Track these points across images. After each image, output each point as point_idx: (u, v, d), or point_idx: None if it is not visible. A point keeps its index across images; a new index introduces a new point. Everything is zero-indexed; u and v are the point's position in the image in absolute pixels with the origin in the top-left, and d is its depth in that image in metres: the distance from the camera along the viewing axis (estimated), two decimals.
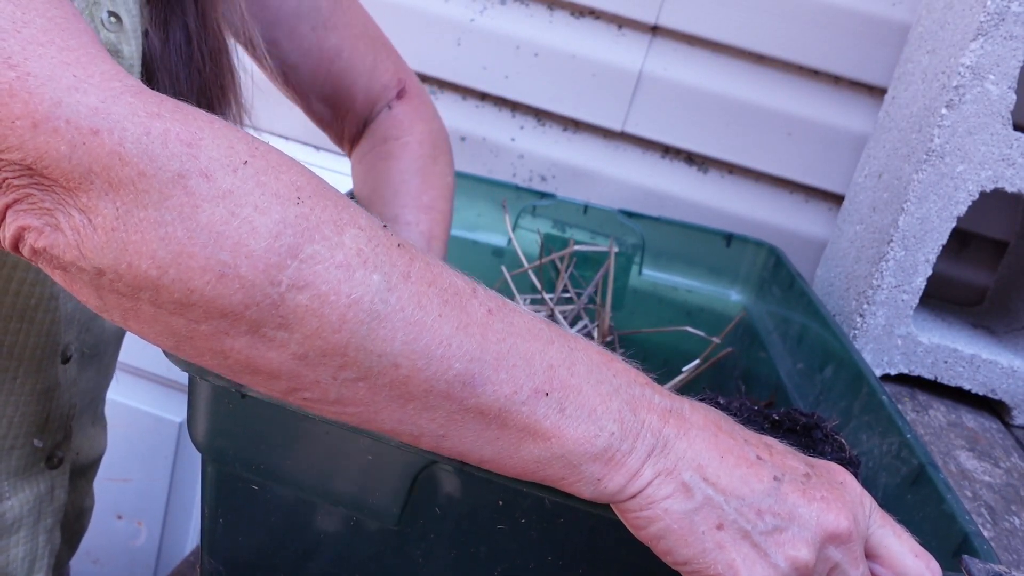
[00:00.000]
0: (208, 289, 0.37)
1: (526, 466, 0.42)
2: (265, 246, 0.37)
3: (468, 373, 0.39)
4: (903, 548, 0.44)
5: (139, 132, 0.36)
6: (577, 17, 1.20)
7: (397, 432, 0.41)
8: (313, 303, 0.37)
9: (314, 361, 0.39)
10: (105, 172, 0.36)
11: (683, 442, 0.42)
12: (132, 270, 0.37)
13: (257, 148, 0.39)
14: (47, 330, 0.61)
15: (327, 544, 0.54)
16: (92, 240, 0.37)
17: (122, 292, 0.38)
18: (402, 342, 0.39)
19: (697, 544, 0.41)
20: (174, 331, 0.39)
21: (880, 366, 0.96)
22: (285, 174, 0.39)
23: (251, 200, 0.37)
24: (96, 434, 0.79)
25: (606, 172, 1.24)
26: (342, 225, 0.39)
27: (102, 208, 0.36)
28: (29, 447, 0.64)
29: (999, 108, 0.86)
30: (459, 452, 0.42)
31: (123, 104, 0.37)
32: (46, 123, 0.36)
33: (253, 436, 0.51)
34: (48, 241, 0.38)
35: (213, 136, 0.38)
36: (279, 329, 0.38)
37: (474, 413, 0.40)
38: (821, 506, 0.42)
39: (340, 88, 0.82)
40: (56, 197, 0.37)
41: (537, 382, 0.41)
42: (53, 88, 0.36)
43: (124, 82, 0.38)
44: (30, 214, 0.38)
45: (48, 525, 0.68)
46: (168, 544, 1.50)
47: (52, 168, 0.36)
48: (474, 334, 0.40)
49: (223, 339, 0.38)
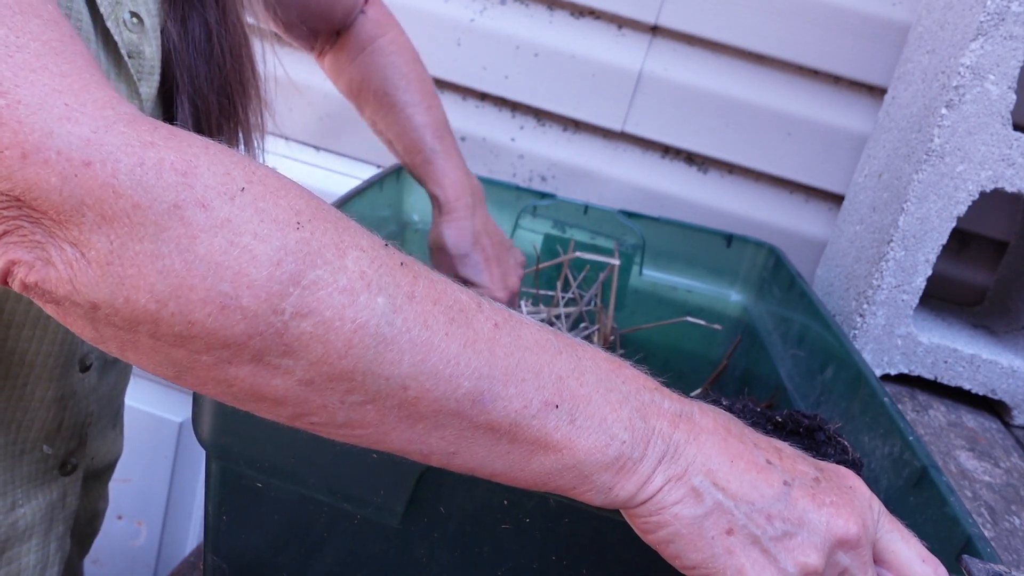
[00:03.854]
0: (210, 321, 0.36)
1: (537, 478, 0.41)
2: (266, 275, 0.36)
3: (477, 391, 0.39)
4: (911, 553, 0.44)
5: (133, 163, 0.35)
6: (577, 17, 1.20)
7: (407, 451, 0.41)
8: (318, 330, 0.37)
9: (321, 387, 0.38)
10: (98, 205, 0.35)
11: (693, 447, 0.42)
12: (129, 304, 0.36)
13: (254, 173, 0.38)
14: (62, 339, 0.60)
15: (330, 542, 0.54)
16: (86, 275, 0.36)
17: (119, 326, 0.37)
18: (409, 364, 0.38)
19: (707, 549, 0.41)
20: (175, 362, 0.38)
21: (880, 366, 0.96)
22: (284, 198, 0.38)
23: (250, 228, 0.36)
24: (115, 438, 0.79)
25: (606, 172, 1.24)
26: (344, 248, 0.38)
27: (95, 242, 0.35)
28: (39, 453, 0.64)
29: (999, 108, 0.86)
30: (470, 468, 0.42)
31: (116, 134, 0.36)
32: (36, 154, 0.35)
33: (258, 434, 0.51)
34: (39, 276, 0.37)
35: (209, 163, 0.37)
36: (284, 357, 0.37)
37: (484, 430, 0.40)
38: (831, 511, 0.42)
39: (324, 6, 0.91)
40: (46, 230, 0.36)
41: (547, 395, 0.40)
42: (44, 117, 0.35)
43: (117, 110, 0.37)
44: (20, 247, 0.36)
45: (60, 532, 0.67)
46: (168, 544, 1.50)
47: (42, 200, 0.35)
48: (482, 351, 0.39)
49: (226, 368, 0.38)
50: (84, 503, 0.75)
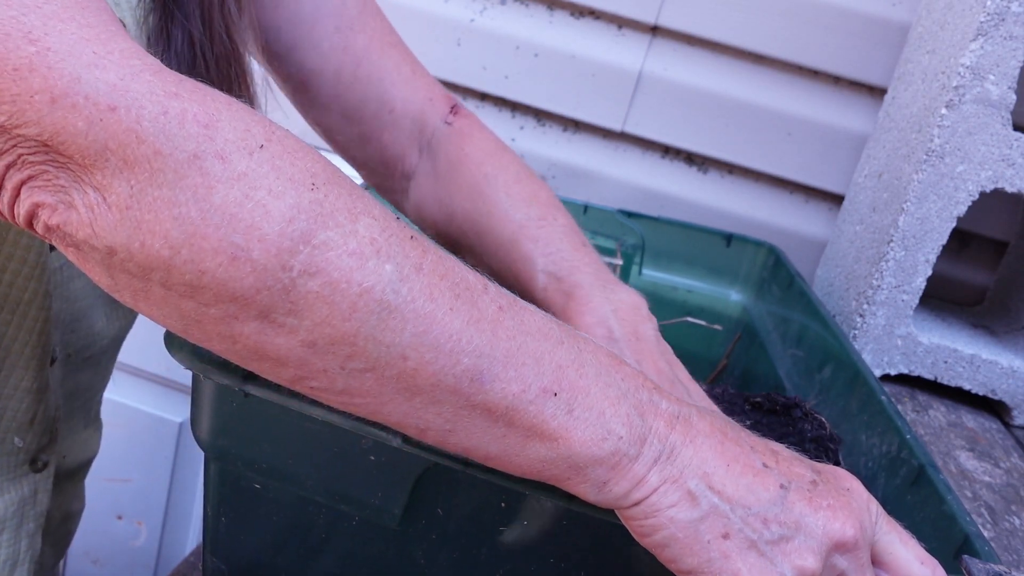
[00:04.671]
0: (220, 271, 0.37)
1: (531, 465, 0.41)
2: (278, 230, 0.37)
3: (476, 369, 0.39)
4: (909, 555, 0.44)
5: (156, 111, 0.36)
6: (577, 17, 1.20)
7: (403, 425, 0.41)
8: (324, 290, 0.37)
9: (323, 349, 0.38)
10: (121, 150, 0.36)
11: (689, 449, 0.42)
12: (144, 249, 0.37)
13: (274, 133, 0.39)
14: (40, 328, 0.61)
15: (329, 544, 0.54)
16: (105, 218, 0.37)
17: (133, 272, 0.38)
18: (411, 334, 0.38)
19: (702, 553, 0.41)
20: (183, 314, 0.38)
21: (880, 366, 0.96)
22: (301, 160, 0.39)
23: (266, 184, 0.37)
24: (88, 436, 0.79)
25: (606, 172, 1.24)
26: (356, 213, 0.39)
27: (116, 186, 0.36)
28: (11, 445, 0.63)
29: (999, 108, 0.86)
30: (464, 448, 0.42)
31: (142, 82, 0.37)
32: (64, 98, 0.36)
33: (256, 435, 0.51)
34: (62, 218, 0.38)
35: (230, 118, 0.38)
36: (289, 315, 0.38)
37: (481, 409, 0.40)
38: (827, 514, 0.42)
39: (368, 95, 0.73)
40: (71, 174, 0.37)
41: (546, 382, 0.40)
42: (73, 64, 0.36)
43: (144, 60, 0.38)
44: (45, 191, 0.37)
45: (30, 530, 0.67)
46: (168, 544, 1.50)
47: (68, 144, 0.36)
48: (484, 330, 0.40)
49: (232, 323, 0.38)
50: (57, 503, 0.75)
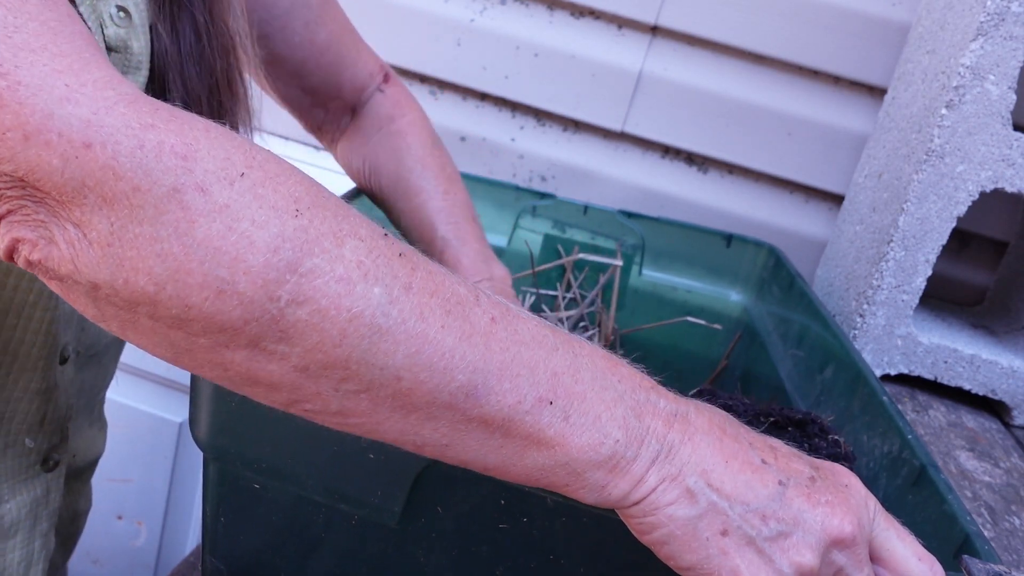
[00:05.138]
0: (206, 305, 0.36)
1: (530, 473, 0.41)
2: (263, 261, 0.36)
3: (471, 384, 0.39)
4: (907, 551, 0.44)
5: (132, 145, 0.36)
6: (577, 17, 1.20)
7: (400, 442, 0.41)
8: (313, 318, 0.37)
9: (315, 374, 0.38)
10: (99, 187, 0.35)
11: (688, 447, 0.42)
12: (128, 286, 0.36)
13: (254, 158, 0.38)
14: (46, 329, 0.61)
15: (328, 543, 0.54)
16: (87, 255, 0.36)
17: (119, 305, 0.37)
18: (404, 355, 0.38)
19: (701, 550, 0.41)
20: (173, 344, 0.38)
21: (880, 366, 0.96)
22: (283, 185, 0.38)
23: (248, 214, 0.36)
24: (94, 435, 0.79)
25: (606, 172, 1.24)
26: (342, 237, 0.38)
27: (96, 223, 0.36)
28: (22, 447, 0.64)
29: (999, 108, 0.86)
30: (463, 461, 0.42)
31: (116, 116, 0.36)
32: (38, 136, 0.35)
33: (255, 435, 0.51)
34: (43, 254, 0.37)
35: (209, 147, 0.37)
36: (279, 343, 0.37)
37: (478, 423, 0.40)
38: (826, 510, 0.42)
39: (328, 79, 0.85)
40: (49, 210, 0.36)
41: (541, 391, 0.40)
42: (45, 99, 0.35)
43: (118, 90, 0.37)
44: (24, 226, 0.37)
45: (44, 529, 0.67)
46: (168, 544, 1.50)
47: (44, 181, 0.35)
48: (477, 344, 0.39)
49: (223, 352, 0.38)
50: (66, 502, 0.75)
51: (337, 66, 0.84)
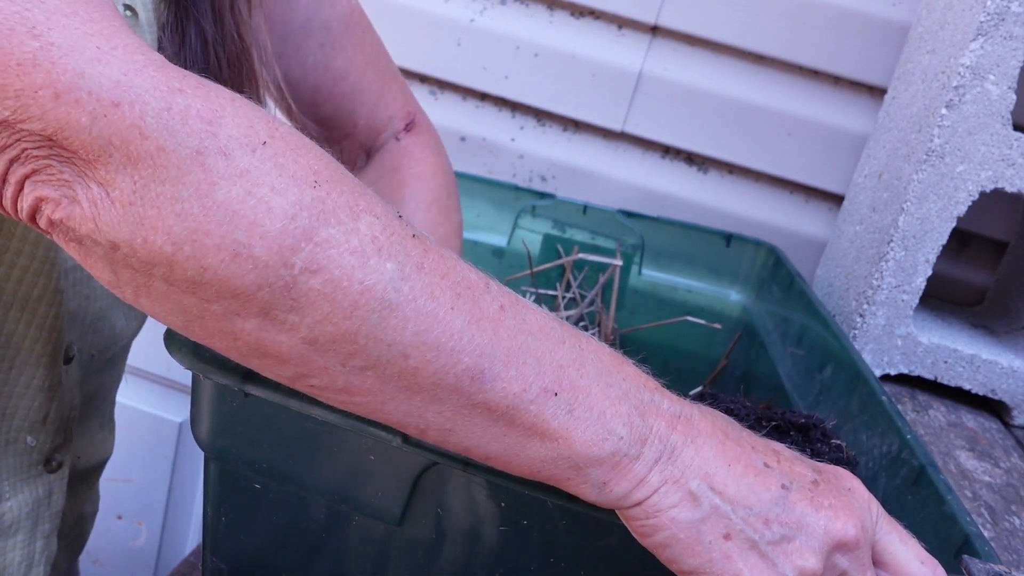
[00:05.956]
0: (221, 268, 0.37)
1: (532, 465, 0.41)
2: (280, 227, 0.37)
3: (477, 368, 0.39)
4: (909, 555, 0.44)
5: (160, 107, 0.36)
6: (577, 17, 1.20)
7: (404, 424, 0.41)
8: (325, 288, 0.37)
9: (324, 347, 0.38)
10: (124, 145, 0.36)
11: (690, 450, 0.42)
12: (147, 245, 0.37)
13: (277, 129, 0.39)
14: (50, 325, 0.60)
15: (329, 543, 0.54)
16: (109, 214, 0.37)
17: (136, 267, 0.38)
18: (412, 332, 0.38)
19: (704, 554, 0.41)
20: (185, 310, 0.39)
21: (880, 366, 0.96)
22: (304, 157, 0.39)
23: (268, 180, 0.37)
24: (103, 438, 0.79)
25: (606, 172, 1.24)
26: (358, 211, 0.39)
27: (120, 182, 0.36)
28: (23, 444, 0.63)
29: (999, 108, 0.86)
30: (465, 448, 0.42)
31: (145, 77, 0.37)
32: (68, 94, 0.36)
33: (256, 435, 0.51)
34: (65, 213, 0.38)
35: (234, 114, 0.38)
36: (290, 312, 0.38)
37: (481, 409, 0.40)
38: (829, 514, 0.42)
39: (341, 111, 0.81)
40: (75, 169, 0.37)
41: (547, 381, 0.40)
42: (76, 59, 0.36)
43: (147, 56, 0.38)
44: (48, 185, 0.38)
45: (46, 531, 0.67)
46: (168, 544, 1.50)
47: (72, 139, 0.36)
48: (485, 329, 0.40)
49: (234, 320, 0.38)
50: (71, 504, 0.75)
51: (352, 99, 0.80)
